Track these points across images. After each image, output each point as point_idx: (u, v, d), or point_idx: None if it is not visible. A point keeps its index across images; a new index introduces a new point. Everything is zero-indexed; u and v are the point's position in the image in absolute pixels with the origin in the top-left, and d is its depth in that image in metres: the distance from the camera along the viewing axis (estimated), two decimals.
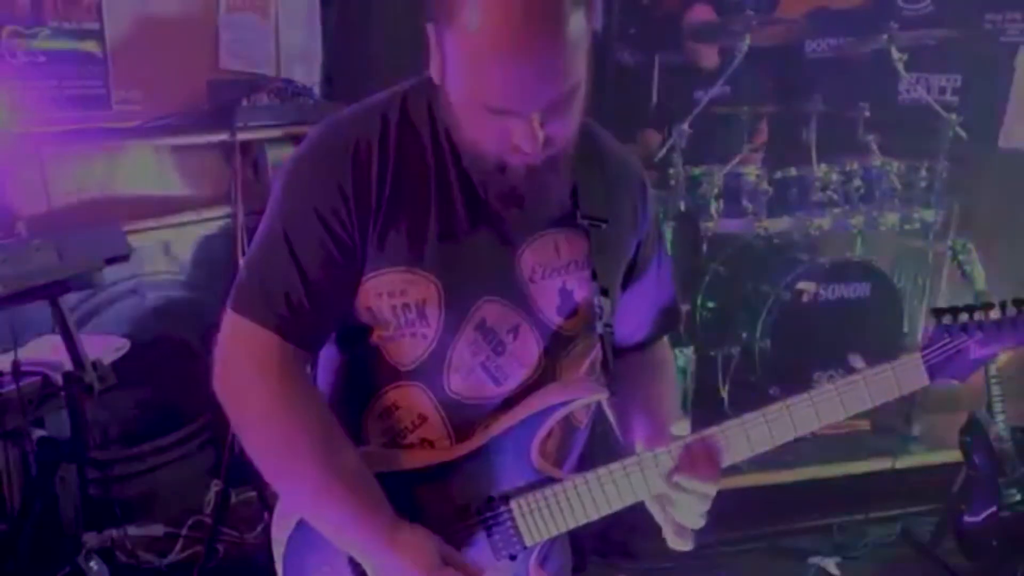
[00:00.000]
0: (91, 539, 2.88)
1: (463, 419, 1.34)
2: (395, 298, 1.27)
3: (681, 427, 1.31)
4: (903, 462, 3.64)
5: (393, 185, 1.26)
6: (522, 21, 1.08)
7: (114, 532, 2.97)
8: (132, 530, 3.04)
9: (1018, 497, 3.01)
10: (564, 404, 1.32)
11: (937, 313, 1.27)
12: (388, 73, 1.52)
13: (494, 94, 1.13)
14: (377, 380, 1.35)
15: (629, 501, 1.32)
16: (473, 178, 1.26)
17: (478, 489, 1.32)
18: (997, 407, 3.04)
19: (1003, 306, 1.26)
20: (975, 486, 3.07)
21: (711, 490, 1.28)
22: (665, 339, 1.59)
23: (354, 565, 1.32)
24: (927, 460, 3.66)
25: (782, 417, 1.28)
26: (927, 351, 1.26)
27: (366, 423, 1.37)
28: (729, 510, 3.24)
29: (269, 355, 1.26)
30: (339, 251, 1.25)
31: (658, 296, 1.53)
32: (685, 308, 3.85)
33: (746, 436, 1.28)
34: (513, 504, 1.31)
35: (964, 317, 1.26)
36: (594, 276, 1.35)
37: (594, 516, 1.33)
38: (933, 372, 1.26)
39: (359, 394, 1.37)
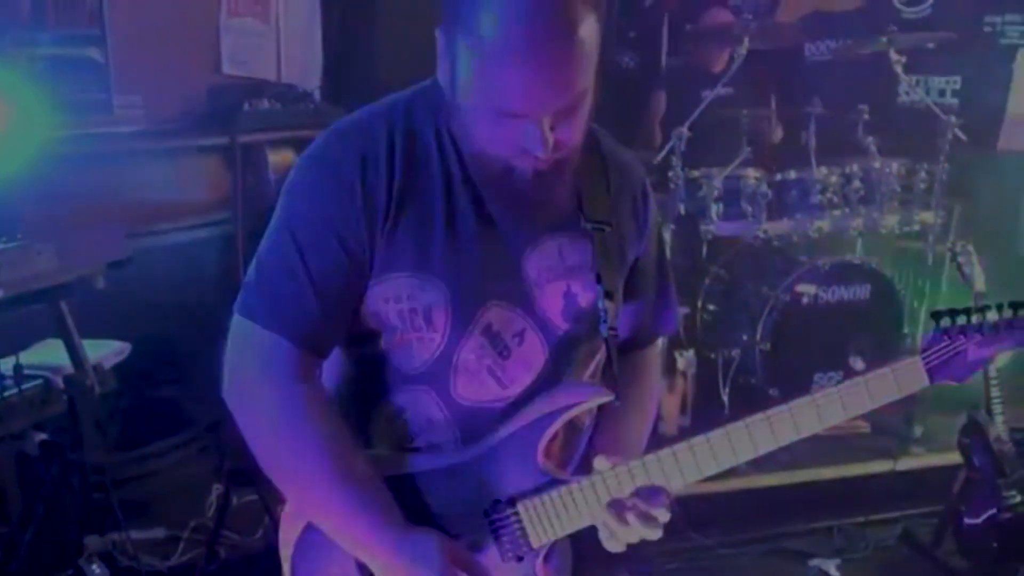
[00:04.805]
0: (93, 542, 2.87)
1: (470, 423, 1.34)
2: (402, 303, 1.28)
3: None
4: (903, 464, 3.65)
5: (400, 191, 1.26)
6: (537, 25, 1.10)
7: (116, 535, 2.96)
8: (134, 533, 3.03)
9: (1018, 499, 3.00)
10: (569, 408, 1.32)
11: (936, 316, 1.29)
12: (389, 77, 1.52)
13: (506, 97, 1.14)
14: (384, 384, 1.35)
15: None
16: (478, 183, 1.28)
17: (485, 492, 1.32)
18: (996, 409, 3.04)
19: (1000, 309, 1.28)
20: (975, 487, 3.07)
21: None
22: (657, 340, 1.61)
23: (363, 568, 1.33)
24: (927, 462, 3.67)
25: (785, 417, 1.29)
26: (926, 353, 1.28)
27: (373, 427, 1.38)
28: (729, 512, 3.30)
29: (279, 360, 1.27)
30: (348, 257, 1.26)
31: (658, 299, 1.54)
32: (685, 311, 3.85)
33: (750, 437, 1.29)
34: (520, 506, 1.32)
35: (962, 320, 1.28)
36: (598, 280, 1.36)
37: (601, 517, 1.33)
38: (932, 373, 1.28)
39: (366, 398, 1.37)
